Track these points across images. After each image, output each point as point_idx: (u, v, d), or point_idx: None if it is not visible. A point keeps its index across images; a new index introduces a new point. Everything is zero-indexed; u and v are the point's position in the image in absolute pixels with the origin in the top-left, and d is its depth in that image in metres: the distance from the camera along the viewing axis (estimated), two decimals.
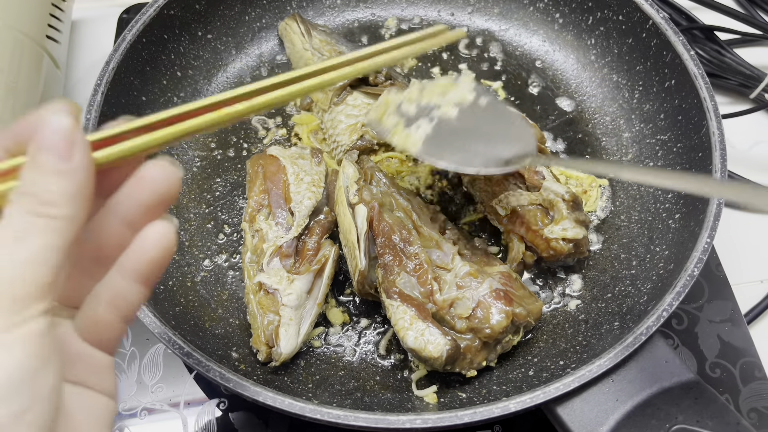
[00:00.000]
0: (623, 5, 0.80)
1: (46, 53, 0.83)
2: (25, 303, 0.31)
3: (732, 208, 0.85)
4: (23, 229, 0.32)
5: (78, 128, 0.34)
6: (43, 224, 0.32)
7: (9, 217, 0.32)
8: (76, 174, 0.33)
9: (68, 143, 0.33)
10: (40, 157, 0.33)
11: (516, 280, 0.66)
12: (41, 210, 0.32)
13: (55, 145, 0.33)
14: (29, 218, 0.32)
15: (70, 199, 0.33)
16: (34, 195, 0.33)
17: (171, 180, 0.36)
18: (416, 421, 0.55)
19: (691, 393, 0.57)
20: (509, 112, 0.68)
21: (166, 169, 0.36)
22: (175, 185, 0.36)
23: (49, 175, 0.33)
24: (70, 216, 0.33)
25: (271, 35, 0.90)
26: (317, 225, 0.70)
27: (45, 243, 0.32)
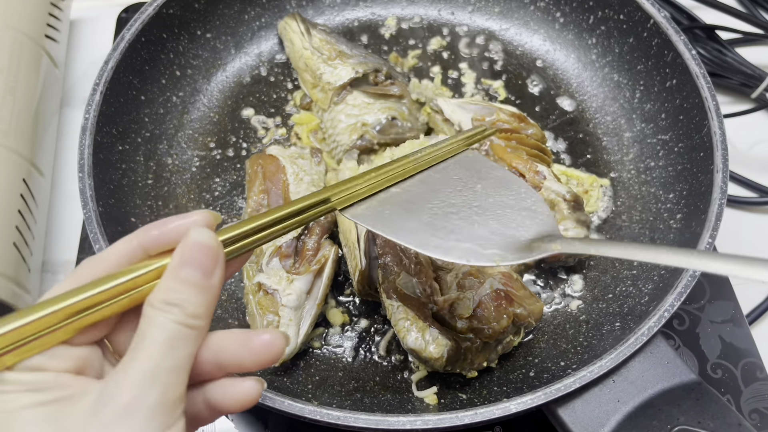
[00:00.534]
0: (624, 4, 0.80)
1: (45, 53, 0.83)
2: (177, 404, 0.35)
3: (733, 209, 0.85)
4: (176, 337, 0.35)
5: (221, 247, 0.37)
6: (189, 334, 0.36)
7: (157, 323, 0.35)
8: (214, 289, 0.37)
9: (213, 262, 0.37)
10: (186, 271, 0.36)
11: (517, 281, 0.66)
12: (189, 322, 0.36)
13: (202, 262, 0.36)
14: (179, 328, 0.35)
15: (207, 311, 0.37)
16: (180, 306, 0.36)
17: (275, 354, 0.39)
18: (416, 422, 0.55)
19: (692, 394, 0.57)
20: (513, 178, 0.56)
21: (276, 342, 0.39)
22: (277, 357, 0.39)
23: (194, 289, 0.36)
24: (204, 327, 0.37)
25: (271, 34, 0.90)
26: (317, 225, 0.69)
27: (190, 351, 0.36)
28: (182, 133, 0.82)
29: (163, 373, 0.34)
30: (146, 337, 0.35)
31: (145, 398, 0.34)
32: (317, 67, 0.81)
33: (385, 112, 0.79)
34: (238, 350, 0.39)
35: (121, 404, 0.34)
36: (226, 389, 0.39)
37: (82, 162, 0.67)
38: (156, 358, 0.35)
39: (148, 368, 0.34)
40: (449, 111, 0.76)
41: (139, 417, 0.33)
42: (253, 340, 0.39)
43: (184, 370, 0.36)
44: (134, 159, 0.76)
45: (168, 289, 0.36)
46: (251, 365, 0.39)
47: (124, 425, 0.33)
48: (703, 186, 0.68)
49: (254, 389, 0.39)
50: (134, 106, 0.77)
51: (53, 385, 0.34)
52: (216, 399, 0.39)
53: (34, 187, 0.74)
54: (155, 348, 0.35)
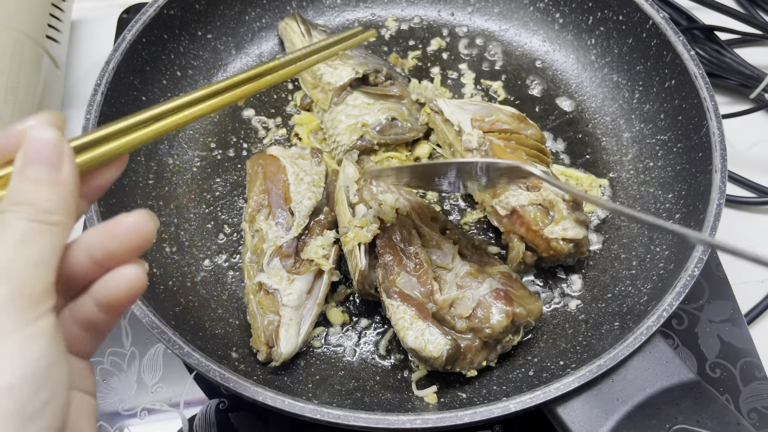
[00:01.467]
0: (623, 5, 0.80)
1: (46, 53, 0.83)
2: (39, 299, 0.34)
3: (732, 209, 0.85)
4: (29, 234, 0.35)
5: (64, 140, 0.37)
6: (45, 229, 0.35)
7: (8, 224, 0.35)
8: (66, 183, 0.37)
9: (57, 155, 0.36)
10: (31, 169, 0.36)
11: (516, 280, 0.66)
12: (42, 217, 0.35)
13: (45, 157, 0.36)
14: (32, 224, 0.35)
15: (63, 206, 0.36)
16: (31, 204, 0.35)
17: (143, 236, 0.39)
18: (416, 421, 0.55)
19: (691, 393, 0.57)
20: None
21: (141, 225, 0.39)
22: (147, 240, 0.39)
23: (43, 185, 0.36)
24: (64, 221, 0.36)
25: (271, 35, 0.90)
26: (317, 225, 0.70)
27: (48, 246, 0.35)
28: (183, 134, 0.82)
29: (15, 269, 0.34)
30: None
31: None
32: (317, 67, 0.81)
33: (385, 113, 0.79)
34: (106, 240, 0.38)
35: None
36: (108, 282, 0.39)
37: None
38: (6, 256, 0.34)
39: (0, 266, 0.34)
40: (449, 111, 0.77)
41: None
42: (117, 225, 0.38)
43: (44, 266, 0.35)
44: (135, 159, 0.76)
45: (16, 190, 0.36)
46: (120, 251, 0.39)
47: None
48: (702, 186, 0.68)
49: (135, 272, 0.39)
50: (135, 107, 0.77)
51: None
52: (103, 294, 0.39)
53: None
54: (7, 247, 0.34)
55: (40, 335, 0.34)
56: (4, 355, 0.32)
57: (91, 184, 0.41)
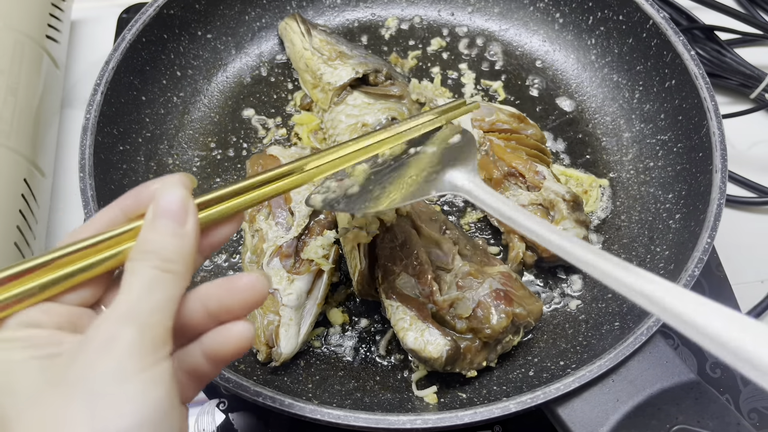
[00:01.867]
0: (624, 5, 0.80)
1: (46, 53, 0.83)
2: (160, 344, 0.36)
3: (732, 209, 0.85)
4: (153, 280, 0.37)
5: (191, 198, 0.41)
6: (167, 277, 0.38)
7: (136, 271, 0.38)
8: (188, 236, 0.40)
9: (183, 211, 0.40)
10: (159, 222, 0.39)
11: (516, 280, 0.66)
12: (165, 266, 0.38)
13: (173, 212, 0.39)
14: (156, 272, 0.38)
15: (184, 258, 0.39)
16: (156, 253, 0.38)
17: (258, 294, 0.41)
18: (416, 421, 0.55)
19: (691, 393, 0.57)
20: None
21: (257, 284, 0.41)
22: (261, 298, 0.41)
23: (168, 237, 0.39)
24: (183, 272, 0.39)
25: (271, 35, 0.90)
26: (317, 225, 0.69)
27: (169, 294, 0.38)
28: (183, 134, 0.82)
29: (142, 313, 0.36)
30: (125, 284, 0.37)
31: (122, 334, 0.35)
32: (317, 67, 0.81)
33: (385, 113, 0.79)
34: (224, 295, 0.41)
35: (100, 340, 0.35)
36: (219, 335, 0.41)
37: (83, 162, 0.67)
38: (133, 299, 0.37)
39: (125, 309, 0.36)
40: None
41: (116, 352, 0.35)
42: (237, 281, 0.41)
43: (165, 311, 0.37)
44: (135, 159, 0.76)
45: (144, 240, 0.39)
46: (238, 308, 0.41)
47: (103, 359, 0.34)
48: (702, 186, 0.68)
49: (246, 329, 0.41)
50: (135, 107, 0.77)
51: (48, 341, 0.37)
52: (212, 347, 0.41)
53: (35, 187, 0.75)
54: (133, 290, 0.37)
55: (161, 380, 0.35)
56: (127, 397, 0.34)
57: (207, 241, 0.43)
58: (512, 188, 0.71)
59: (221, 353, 0.41)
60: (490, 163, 0.73)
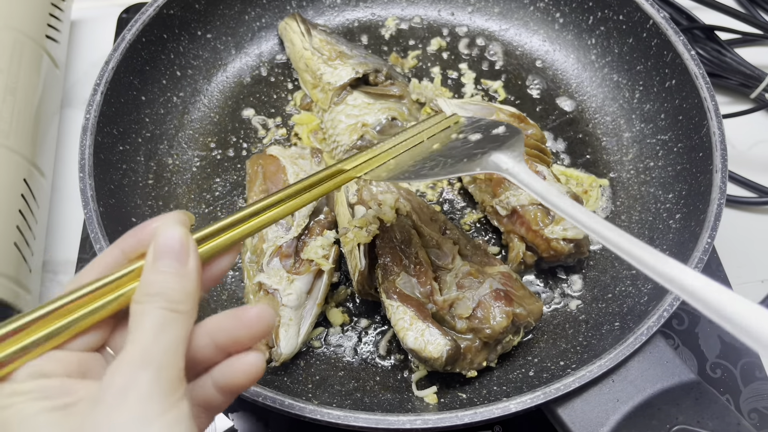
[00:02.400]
0: (624, 5, 0.80)
1: (46, 53, 0.83)
2: (177, 384, 0.36)
3: (732, 209, 0.85)
4: (163, 322, 0.37)
5: (190, 236, 0.40)
6: (176, 318, 0.38)
7: (144, 313, 0.37)
8: (191, 275, 0.40)
9: (184, 250, 0.40)
10: (161, 263, 0.39)
11: (516, 280, 0.66)
12: (172, 306, 0.38)
13: (174, 252, 0.39)
14: (165, 313, 0.38)
15: (189, 296, 0.39)
16: (161, 295, 0.38)
17: (266, 325, 0.41)
18: (416, 421, 0.55)
19: (691, 393, 0.57)
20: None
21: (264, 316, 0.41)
22: (269, 329, 0.42)
23: (172, 277, 0.39)
24: (190, 311, 0.39)
25: (271, 35, 0.90)
26: (317, 225, 0.69)
27: (180, 333, 0.38)
28: (183, 134, 0.82)
29: (155, 355, 0.36)
30: (134, 328, 0.37)
31: (140, 379, 0.35)
32: (317, 67, 0.81)
33: (385, 113, 0.79)
34: (232, 327, 0.41)
35: (117, 387, 0.35)
36: (231, 367, 0.41)
37: (83, 162, 0.67)
38: (145, 342, 0.36)
39: (138, 353, 0.36)
40: (449, 111, 0.76)
41: (136, 397, 0.34)
42: (244, 314, 0.41)
43: (178, 352, 0.37)
44: (135, 159, 0.76)
45: (148, 282, 0.39)
46: (246, 339, 0.41)
47: (121, 409, 0.34)
48: (703, 186, 0.68)
49: (257, 359, 0.41)
50: (135, 107, 0.77)
51: (60, 391, 0.36)
52: (224, 379, 0.41)
53: (34, 187, 0.75)
54: (144, 334, 0.37)
55: (182, 420, 0.36)
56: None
57: (207, 274, 0.43)
58: (512, 188, 0.71)
59: (234, 385, 0.41)
60: None
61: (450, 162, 0.57)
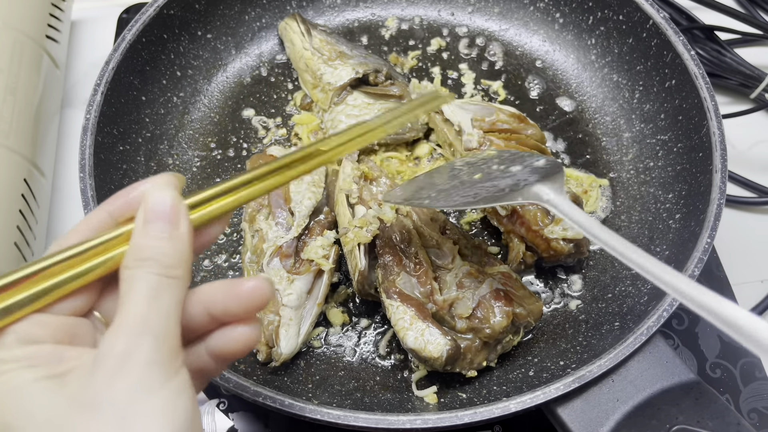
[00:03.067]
0: (624, 5, 0.80)
1: (46, 53, 0.83)
2: (176, 352, 0.36)
3: (732, 209, 0.85)
4: (157, 288, 0.36)
5: (180, 198, 0.39)
6: (170, 283, 0.37)
7: (137, 278, 0.36)
8: (183, 238, 0.38)
9: (175, 213, 0.38)
10: (152, 227, 0.38)
11: (516, 280, 0.66)
12: (166, 271, 0.37)
13: (165, 214, 0.38)
14: (159, 279, 0.36)
15: (182, 260, 0.38)
16: (155, 259, 0.37)
17: (261, 298, 0.40)
18: (416, 421, 0.55)
19: (691, 393, 0.57)
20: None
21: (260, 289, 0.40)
22: (264, 302, 0.41)
23: (164, 241, 0.37)
24: (184, 275, 0.38)
25: (271, 35, 0.90)
26: (317, 225, 0.69)
27: (176, 299, 0.37)
28: (183, 134, 0.82)
29: (153, 322, 0.35)
30: (128, 293, 0.36)
31: (140, 346, 0.34)
32: (317, 67, 0.81)
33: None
34: (226, 299, 0.40)
35: (117, 354, 0.34)
36: (225, 336, 0.41)
37: (83, 162, 0.67)
38: (142, 308, 0.35)
39: (136, 319, 0.35)
40: (449, 111, 0.77)
41: (137, 365, 0.34)
42: (239, 287, 0.40)
43: (174, 318, 0.36)
44: (135, 159, 0.76)
45: (139, 247, 0.37)
46: (240, 312, 0.40)
47: (123, 375, 0.33)
48: (702, 186, 0.68)
49: (252, 331, 0.41)
50: (135, 107, 0.77)
51: (51, 357, 0.35)
52: (218, 347, 0.41)
53: (35, 187, 0.75)
54: (140, 300, 0.35)
55: (184, 388, 0.35)
56: (156, 411, 0.33)
57: (197, 241, 0.41)
58: None
59: (228, 353, 0.41)
60: None
61: (492, 191, 0.58)
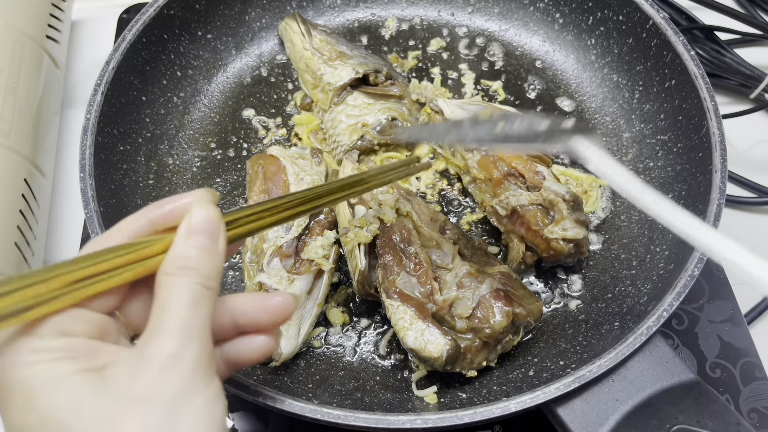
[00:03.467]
0: (623, 5, 0.80)
1: (46, 53, 0.83)
2: (212, 359, 0.38)
3: (732, 209, 0.85)
4: (198, 297, 0.38)
5: (221, 217, 0.42)
6: (208, 294, 0.39)
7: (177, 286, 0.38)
8: (221, 254, 0.41)
9: (216, 229, 0.41)
10: (196, 239, 0.40)
11: (516, 280, 0.66)
12: (206, 283, 0.39)
13: (209, 230, 0.40)
14: (200, 288, 0.38)
15: (219, 275, 0.40)
16: (196, 270, 0.39)
17: (288, 313, 0.43)
18: (416, 421, 0.55)
19: (691, 393, 0.57)
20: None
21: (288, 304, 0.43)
22: (289, 317, 0.44)
23: (205, 253, 0.39)
24: (217, 288, 0.40)
25: (271, 35, 0.90)
26: (317, 225, 0.70)
27: (210, 309, 0.39)
28: (183, 134, 0.82)
29: (195, 328, 0.37)
30: (170, 299, 0.37)
31: (188, 349, 0.36)
32: (318, 67, 0.81)
33: (385, 113, 0.79)
34: (256, 311, 0.43)
35: (166, 355, 0.35)
36: (246, 344, 0.43)
37: (84, 162, 0.67)
38: (185, 315, 0.37)
39: (181, 324, 0.36)
40: (449, 112, 0.77)
41: (184, 367, 0.35)
42: (269, 301, 0.43)
43: (209, 327, 0.38)
44: (135, 159, 0.76)
45: (181, 256, 0.39)
46: (267, 324, 0.43)
47: (170, 376, 0.35)
48: (702, 186, 0.68)
49: (271, 341, 0.44)
50: (135, 107, 0.77)
51: (86, 351, 0.36)
52: (236, 355, 0.43)
53: (35, 187, 0.75)
54: (182, 307, 0.37)
55: (219, 395, 0.37)
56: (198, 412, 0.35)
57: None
58: (512, 188, 0.71)
59: (246, 360, 0.43)
60: (490, 163, 0.73)
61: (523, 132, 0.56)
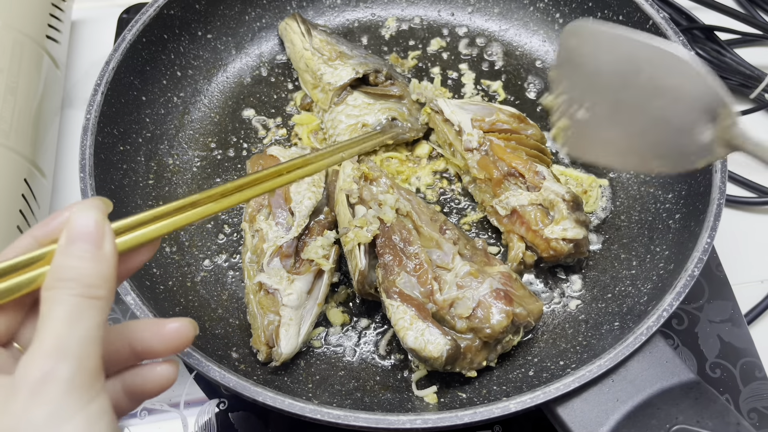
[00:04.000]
0: (623, 5, 0.80)
1: (46, 53, 0.83)
2: (95, 376, 0.34)
3: (732, 209, 0.85)
4: (77, 309, 0.35)
5: (106, 220, 0.39)
6: (91, 304, 0.36)
7: (56, 300, 0.35)
8: (107, 259, 0.37)
9: (99, 233, 0.38)
10: (75, 246, 0.37)
11: (516, 280, 0.66)
12: (87, 291, 0.36)
13: (88, 234, 0.37)
14: (80, 300, 0.35)
15: (105, 281, 0.37)
16: (76, 280, 0.36)
17: (185, 340, 0.41)
18: (416, 421, 0.55)
19: (691, 393, 0.57)
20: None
21: (184, 330, 0.41)
22: (187, 344, 0.42)
23: (87, 261, 0.36)
24: (107, 296, 0.37)
25: (271, 35, 0.90)
26: (317, 225, 0.70)
27: (97, 321, 0.36)
28: (183, 134, 0.82)
29: (72, 345, 0.34)
30: (47, 315, 0.35)
31: (58, 371, 0.33)
32: (318, 67, 0.81)
33: (385, 113, 0.79)
34: (150, 337, 0.40)
35: (33, 380, 0.33)
36: (143, 374, 0.41)
37: (84, 162, 0.67)
38: (61, 331, 0.34)
39: (54, 343, 0.34)
40: (449, 111, 0.77)
41: (54, 391, 0.33)
42: (164, 327, 0.41)
43: (95, 341, 0.35)
44: (135, 159, 0.76)
45: (60, 267, 0.37)
46: (162, 351, 0.41)
47: (39, 402, 0.32)
48: (702, 186, 0.68)
49: (170, 371, 0.41)
50: (135, 107, 0.77)
51: None
52: (135, 385, 0.41)
53: (35, 187, 0.75)
54: (58, 322, 0.34)
55: (103, 413, 0.34)
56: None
57: (123, 266, 0.41)
58: (512, 188, 0.71)
59: (144, 391, 0.41)
60: (489, 163, 0.73)
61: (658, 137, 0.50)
